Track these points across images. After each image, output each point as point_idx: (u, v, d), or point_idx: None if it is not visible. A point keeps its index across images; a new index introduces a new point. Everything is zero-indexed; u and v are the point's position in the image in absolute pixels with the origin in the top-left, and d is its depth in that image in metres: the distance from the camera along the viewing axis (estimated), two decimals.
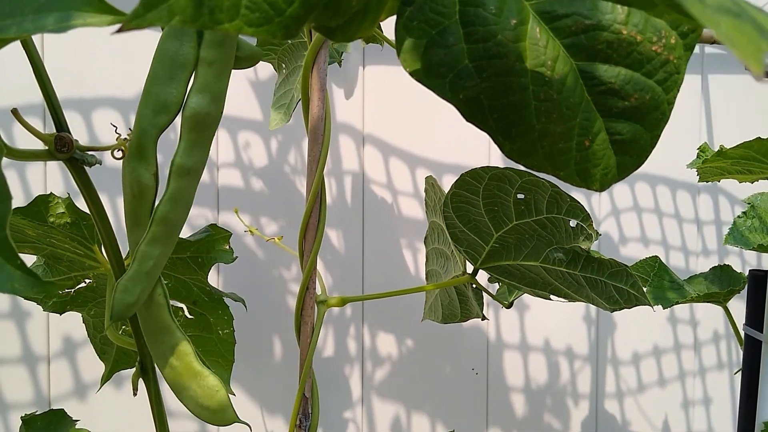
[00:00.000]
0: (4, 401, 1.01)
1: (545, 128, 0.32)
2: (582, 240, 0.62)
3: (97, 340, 0.74)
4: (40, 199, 0.57)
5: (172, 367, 0.51)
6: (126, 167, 0.46)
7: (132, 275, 0.46)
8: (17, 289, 0.25)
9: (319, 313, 0.59)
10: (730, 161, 0.83)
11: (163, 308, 0.50)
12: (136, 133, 0.45)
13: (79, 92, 1.00)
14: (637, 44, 0.32)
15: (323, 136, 0.57)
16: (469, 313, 0.80)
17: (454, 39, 0.33)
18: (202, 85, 0.45)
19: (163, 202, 0.46)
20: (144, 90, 0.45)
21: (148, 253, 0.46)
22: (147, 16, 0.24)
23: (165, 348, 0.50)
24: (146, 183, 0.46)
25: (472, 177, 0.61)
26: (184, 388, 0.51)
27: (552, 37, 0.32)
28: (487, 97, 0.32)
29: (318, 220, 0.58)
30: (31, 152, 0.46)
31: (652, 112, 0.32)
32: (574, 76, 0.32)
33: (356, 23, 0.34)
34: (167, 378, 0.51)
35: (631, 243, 1.40)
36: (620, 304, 0.65)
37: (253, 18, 0.27)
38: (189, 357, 0.51)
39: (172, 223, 0.46)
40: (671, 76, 0.32)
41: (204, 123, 0.45)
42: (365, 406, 1.20)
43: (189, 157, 0.46)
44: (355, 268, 1.18)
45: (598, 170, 0.32)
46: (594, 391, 1.39)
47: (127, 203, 0.47)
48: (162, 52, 0.45)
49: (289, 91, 0.80)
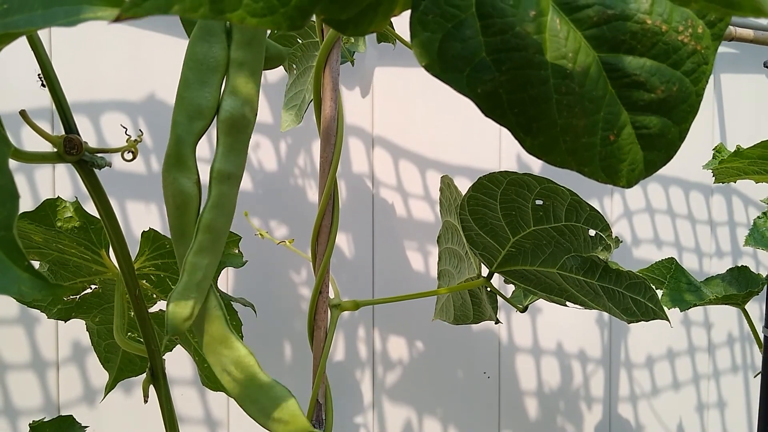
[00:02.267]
0: (14, 407, 1.00)
1: (567, 122, 0.31)
2: (600, 250, 0.61)
3: (101, 348, 0.73)
4: (47, 203, 0.56)
5: (237, 380, 0.48)
6: (166, 178, 0.45)
7: (183, 288, 0.45)
8: (24, 292, 0.25)
9: (333, 318, 0.58)
10: (747, 161, 0.82)
11: (220, 320, 0.48)
12: (173, 141, 0.44)
13: (86, 95, 1.00)
14: (663, 34, 0.31)
15: (336, 137, 0.56)
16: (481, 315, 0.79)
17: (470, 32, 0.31)
18: (235, 87, 0.44)
19: (207, 209, 0.44)
20: (177, 97, 0.44)
21: (196, 263, 0.44)
22: (145, 5, 0.23)
23: (226, 361, 0.48)
24: (189, 192, 0.45)
25: (489, 181, 0.60)
26: (252, 402, 0.49)
27: (573, 28, 0.31)
28: (506, 91, 0.31)
29: (331, 223, 0.57)
30: (39, 154, 0.46)
31: (680, 104, 0.31)
32: (596, 69, 0.31)
33: (369, 16, 0.33)
34: (232, 393, 0.49)
35: (644, 245, 1.38)
36: (637, 317, 0.64)
37: (256, 8, 0.26)
38: (253, 368, 0.49)
39: (218, 230, 0.45)
40: (699, 67, 0.31)
41: (240, 125, 0.44)
42: (376, 410, 1.19)
43: (228, 161, 0.44)
44: (365, 272, 1.17)
45: (624, 166, 0.31)
46: (607, 395, 1.37)
47: (171, 215, 0.46)
48: (191, 57, 0.43)
49: (301, 92, 0.80)
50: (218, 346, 0.48)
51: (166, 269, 0.63)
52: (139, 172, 1.02)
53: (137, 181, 1.02)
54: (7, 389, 1.00)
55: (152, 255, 0.61)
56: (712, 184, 1.41)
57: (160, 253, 0.61)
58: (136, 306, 0.53)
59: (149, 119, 1.02)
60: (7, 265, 0.25)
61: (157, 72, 1.02)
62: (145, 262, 0.62)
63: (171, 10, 0.23)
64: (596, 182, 0.32)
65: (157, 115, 1.02)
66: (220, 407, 1.09)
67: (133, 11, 0.23)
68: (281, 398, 0.49)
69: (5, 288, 0.25)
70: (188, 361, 1.06)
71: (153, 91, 1.02)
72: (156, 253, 0.61)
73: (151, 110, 1.02)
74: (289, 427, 0.49)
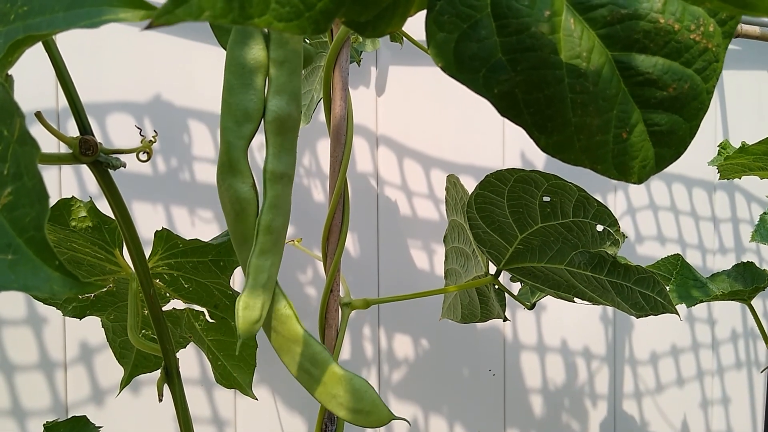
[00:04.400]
0: (22, 408, 1.00)
1: (582, 121, 0.31)
2: (609, 245, 0.62)
3: (116, 344, 0.73)
4: (62, 203, 0.57)
5: (315, 378, 0.49)
6: (221, 185, 0.45)
7: (250, 290, 0.45)
8: (56, 290, 0.25)
9: (344, 316, 0.59)
10: (752, 157, 0.82)
11: (291, 319, 0.49)
12: (224, 148, 0.44)
13: (92, 97, 1.00)
14: (675, 33, 0.31)
15: (346, 137, 0.57)
16: (489, 314, 0.79)
17: (486, 32, 0.32)
18: (279, 87, 0.44)
19: (264, 211, 0.45)
20: (222, 103, 0.44)
21: (260, 265, 0.45)
22: (176, 12, 0.24)
23: (302, 359, 0.49)
24: (246, 197, 0.45)
25: (497, 178, 0.60)
26: (333, 397, 0.49)
27: (587, 27, 0.32)
28: (522, 91, 0.32)
29: (341, 222, 0.58)
30: (56, 156, 0.46)
31: (691, 102, 0.31)
32: (610, 67, 0.32)
33: (386, 18, 0.34)
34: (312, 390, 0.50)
35: (648, 242, 1.39)
36: (646, 311, 0.64)
37: (282, 13, 0.27)
38: (328, 364, 0.49)
39: (277, 230, 0.45)
40: (710, 65, 0.31)
41: (287, 125, 0.44)
42: None
43: (279, 162, 0.45)
44: (370, 271, 1.18)
45: (636, 163, 0.32)
46: (612, 392, 1.38)
47: (230, 222, 0.46)
48: (232, 61, 0.44)
49: (309, 92, 0.80)
50: (292, 345, 0.49)
51: (179, 268, 0.63)
52: (146, 172, 1.03)
53: (144, 181, 1.03)
54: (15, 390, 1.00)
55: (165, 254, 0.62)
56: (715, 180, 1.42)
57: (173, 252, 0.61)
58: (151, 305, 0.54)
59: (155, 120, 1.03)
60: (38, 264, 0.26)
61: (163, 73, 1.02)
62: (158, 262, 0.62)
63: (202, 16, 0.24)
64: (599, 179, 0.32)
65: (163, 116, 1.03)
66: (228, 406, 1.09)
67: (165, 18, 0.23)
68: (360, 390, 0.50)
69: (37, 287, 0.25)
70: (195, 360, 1.06)
71: (159, 93, 1.02)
72: (169, 253, 0.61)
73: (157, 111, 1.02)
74: (371, 418, 0.50)
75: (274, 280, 0.46)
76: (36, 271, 0.25)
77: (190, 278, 0.64)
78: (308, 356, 0.49)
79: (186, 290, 0.66)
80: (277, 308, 0.49)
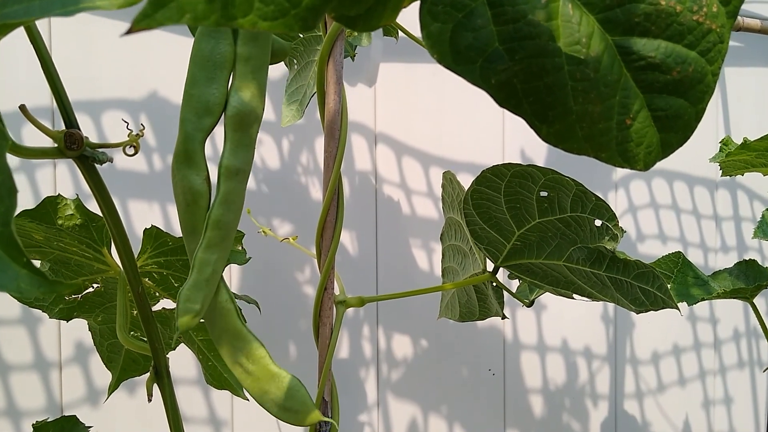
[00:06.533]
0: (17, 408, 0.99)
1: (583, 109, 0.30)
2: (607, 240, 0.60)
3: (104, 348, 0.72)
4: (48, 201, 0.55)
5: (249, 372, 0.50)
6: (176, 176, 0.45)
7: (193, 283, 0.45)
8: (23, 288, 0.24)
9: (338, 314, 0.58)
10: (755, 154, 0.81)
11: (232, 313, 0.49)
12: (181, 138, 0.44)
13: (87, 94, 0.99)
14: (677, 15, 0.30)
15: (340, 132, 0.55)
16: (487, 312, 0.78)
17: (482, 21, 0.31)
18: (242, 83, 0.44)
19: (216, 206, 0.45)
20: (184, 94, 0.44)
21: (205, 259, 0.45)
22: (156, 16, 0.23)
23: (239, 354, 0.50)
24: (199, 189, 0.45)
25: (493, 174, 0.59)
26: (264, 393, 0.50)
27: (585, 12, 0.31)
28: (521, 81, 0.31)
29: (336, 218, 0.56)
30: (40, 150, 0.45)
31: (696, 85, 0.30)
32: (610, 53, 0.30)
33: (378, 11, 0.32)
34: (245, 384, 0.51)
35: (649, 240, 1.37)
36: (646, 306, 0.63)
37: (267, 12, 0.26)
38: (264, 360, 0.50)
39: (227, 226, 0.45)
40: (715, 46, 0.30)
41: (247, 121, 0.44)
42: (381, 409, 1.18)
43: (236, 157, 0.45)
44: (368, 269, 1.16)
45: (641, 149, 0.31)
46: (613, 392, 1.37)
47: (181, 212, 0.46)
48: (198, 53, 0.44)
49: (302, 87, 0.79)
50: (230, 339, 0.49)
51: (168, 267, 0.62)
52: (141, 170, 1.02)
53: (139, 179, 1.02)
54: (10, 390, 0.99)
55: (155, 252, 0.60)
56: (716, 178, 1.41)
57: (163, 250, 0.60)
58: (140, 304, 0.52)
59: (151, 117, 1.01)
60: (5, 261, 0.24)
61: (159, 69, 1.01)
62: (148, 260, 0.61)
63: (183, 19, 0.23)
64: (599, 177, 0.31)
65: (158, 112, 1.01)
66: (225, 407, 1.08)
67: (145, 23, 0.22)
68: (292, 388, 0.50)
69: (4, 285, 0.24)
70: (192, 361, 1.05)
71: (155, 89, 1.01)
72: (158, 251, 0.60)
73: (152, 108, 1.01)
74: (299, 417, 0.50)
75: (219, 274, 0.47)
76: (3, 268, 0.24)
77: (180, 277, 0.63)
78: (245, 351, 0.50)
79: (176, 289, 0.64)
80: (219, 301, 0.49)
